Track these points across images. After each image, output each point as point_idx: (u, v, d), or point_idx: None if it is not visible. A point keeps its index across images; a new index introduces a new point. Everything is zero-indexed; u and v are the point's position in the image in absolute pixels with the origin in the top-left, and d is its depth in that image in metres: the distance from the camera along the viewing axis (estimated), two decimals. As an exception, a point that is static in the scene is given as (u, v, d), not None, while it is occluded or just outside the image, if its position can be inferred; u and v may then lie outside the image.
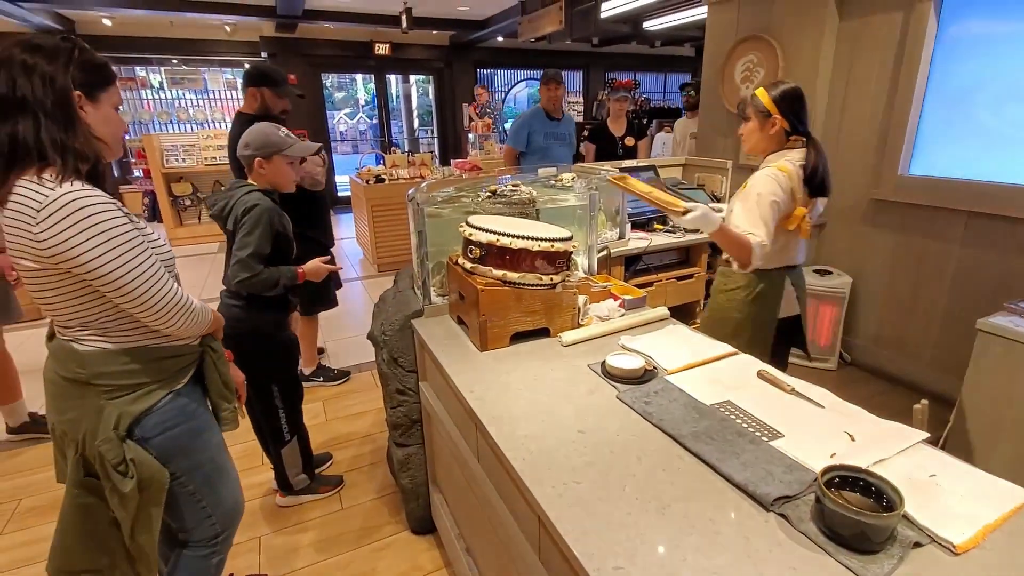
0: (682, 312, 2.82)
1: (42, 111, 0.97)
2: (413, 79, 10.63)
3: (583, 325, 1.56)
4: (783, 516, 0.84)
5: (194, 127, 8.35)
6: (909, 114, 2.78)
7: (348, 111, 12.86)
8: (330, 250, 2.99)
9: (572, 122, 3.83)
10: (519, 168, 3.64)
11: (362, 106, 12.83)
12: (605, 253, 2.32)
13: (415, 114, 10.95)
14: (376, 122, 10.54)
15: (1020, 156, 2.48)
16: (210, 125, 8.45)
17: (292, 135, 1.79)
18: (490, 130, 7.51)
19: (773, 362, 1.42)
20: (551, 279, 1.45)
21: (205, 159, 6.17)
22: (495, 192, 1.83)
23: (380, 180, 5.18)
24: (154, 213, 6.76)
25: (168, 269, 1.14)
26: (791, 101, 1.68)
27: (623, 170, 2.71)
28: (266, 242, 1.70)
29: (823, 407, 1.14)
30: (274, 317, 1.85)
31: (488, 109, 7.79)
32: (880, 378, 3.10)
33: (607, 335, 1.53)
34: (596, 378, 1.29)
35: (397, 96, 10.99)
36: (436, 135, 9.95)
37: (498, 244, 1.39)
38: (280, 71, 2.62)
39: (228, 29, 7.86)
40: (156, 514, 1.17)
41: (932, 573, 0.74)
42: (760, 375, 1.28)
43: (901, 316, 3.00)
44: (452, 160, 6.44)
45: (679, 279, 2.79)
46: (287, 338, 1.94)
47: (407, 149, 9.36)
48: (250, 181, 1.78)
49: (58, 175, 0.97)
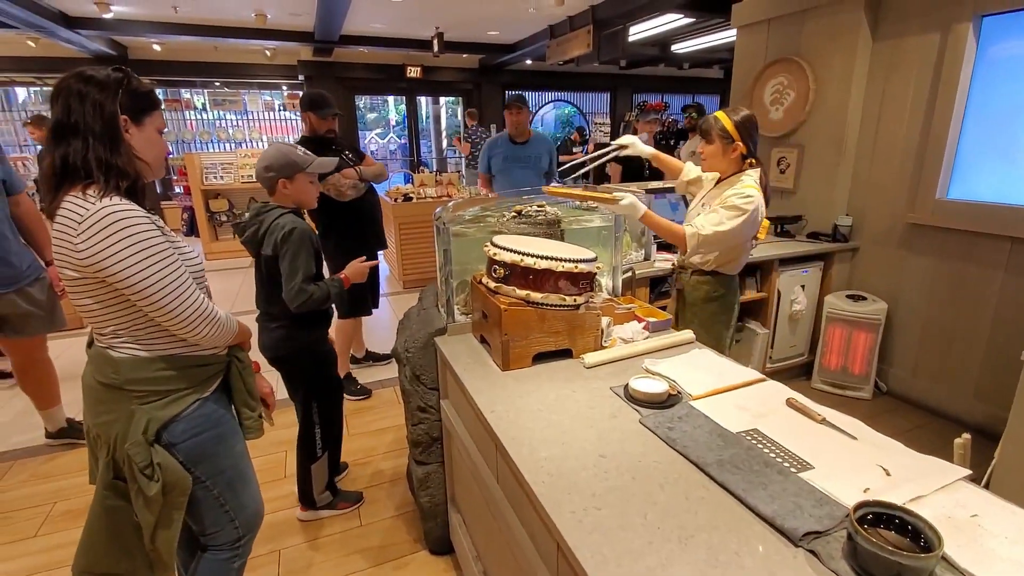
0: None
1: (91, 134, 1.06)
2: (443, 100, 10.89)
3: (606, 347, 1.54)
4: (812, 552, 0.81)
5: (232, 146, 8.70)
6: (947, 137, 2.71)
7: (379, 131, 13.21)
8: (371, 257, 3.12)
9: (543, 142, 3.66)
10: (491, 191, 3.65)
11: (393, 126, 13.17)
12: (630, 274, 2.30)
13: (444, 134, 11.19)
14: (405, 142, 10.80)
15: (1067, 181, 2.39)
16: (248, 144, 8.79)
17: (311, 154, 1.80)
18: (469, 154, 7.52)
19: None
20: (574, 300, 1.44)
21: (242, 176, 6.40)
22: (520, 212, 1.84)
23: (408, 199, 5.28)
24: (192, 228, 7.02)
25: (198, 281, 1.19)
26: (750, 128, 1.85)
27: (652, 191, 2.70)
28: (311, 262, 1.74)
29: (856, 438, 1.10)
30: (318, 333, 1.90)
31: (480, 132, 7.78)
32: (918, 409, 2.97)
33: (630, 358, 1.51)
34: (619, 401, 1.27)
35: (427, 117, 11.26)
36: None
37: (522, 264, 1.39)
38: (324, 96, 2.77)
39: (268, 53, 8.22)
40: (177, 518, 1.20)
41: (975, 621, 0.70)
42: (789, 403, 1.24)
43: (940, 345, 2.88)
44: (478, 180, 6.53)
45: (705, 302, 2.73)
46: (328, 352, 2.00)
47: (435, 168, 9.55)
48: (274, 203, 1.78)
49: (100, 191, 1.04)
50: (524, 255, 1.39)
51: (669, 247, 2.82)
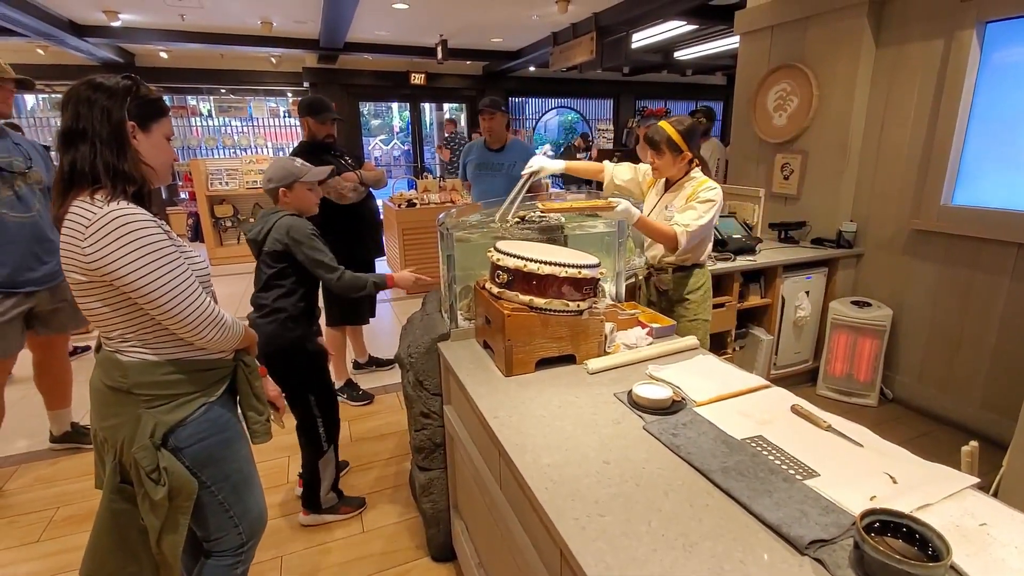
0: (712, 342, 2.75)
1: (99, 139, 1.07)
2: (446, 107, 10.94)
3: (610, 353, 1.54)
4: (819, 561, 0.80)
5: (238, 152, 8.76)
6: (952, 143, 2.70)
7: (383, 137, 13.27)
8: (369, 262, 3.13)
9: (520, 149, 3.37)
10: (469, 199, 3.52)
11: (396, 133, 13.23)
12: (633, 280, 2.30)
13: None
14: (409, 148, 10.83)
15: (1074, 187, 2.38)
16: (253, 151, 8.85)
17: (308, 164, 1.92)
18: (448, 160, 7.75)
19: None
20: (578, 305, 1.44)
21: (247, 183, 6.44)
22: (524, 218, 1.85)
23: (411, 204, 5.30)
24: (197, 233, 7.05)
25: (204, 286, 1.20)
26: (695, 136, 2.01)
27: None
28: (326, 247, 1.86)
29: (862, 446, 1.09)
30: (303, 331, 1.93)
31: (459, 138, 7.98)
32: (924, 417, 2.94)
33: (634, 364, 1.50)
34: (622, 407, 1.26)
35: (430, 123, 11.31)
36: (467, 161, 10.18)
37: (525, 269, 1.39)
38: (323, 101, 2.79)
39: (274, 60, 8.29)
40: (183, 522, 1.20)
41: (984, 632, 0.69)
42: (794, 409, 1.23)
43: (947, 351, 2.86)
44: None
45: (709, 308, 2.73)
46: (316, 349, 2.01)
47: (439, 174, 9.58)
48: (281, 209, 1.91)
49: (108, 195, 1.05)
50: (527, 260, 1.39)
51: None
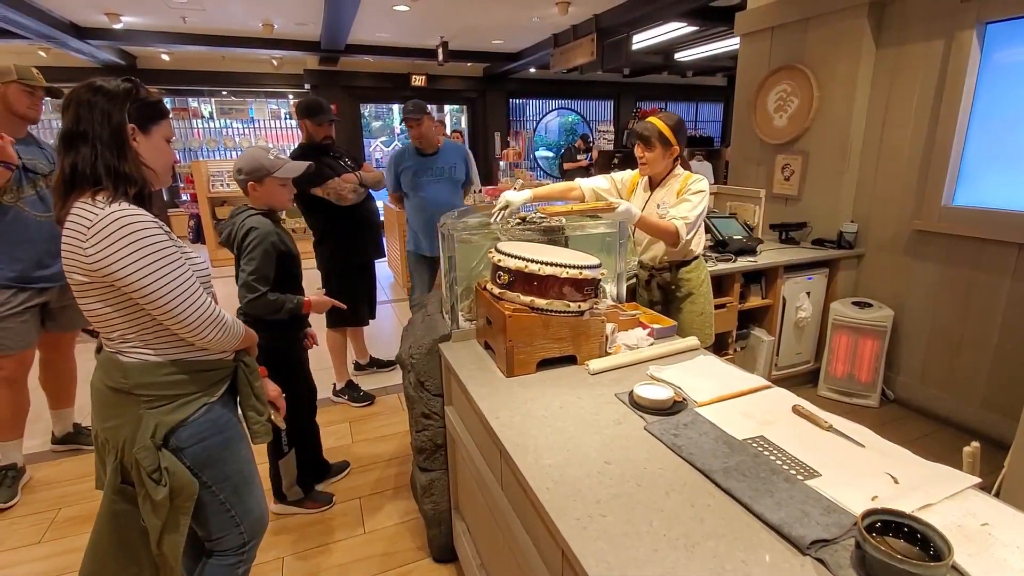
0: (713, 342, 2.75)
1: (99, 142, 1.07)
2: (447, 108, 10.95)
3: (611, 353, 1.54)
4: (820, 561, 0.80)
5: (239, 154, 8.75)
6: (952, 144, 2.70)
7: (384, 139, 13.29)
8: (368, 264, 3.11)
9: (455, 150, 3.26)
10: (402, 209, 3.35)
11: (397, 135, 13.25)
12: (634, 281, 2.30)
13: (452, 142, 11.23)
14: (410, 150, 10.78)
15: (1075, 187, 2.38)
16: (254, 152, 8.83)
17: (282, 157, 1.85)
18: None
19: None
20: (579, 306, 1.44)
21: (248, 184, 6.45)
22: (525, 219, 1.85)
23: (413, 206, 5.28)
24: (198, 235, 7.06)
25: (205, 286, 1.20)
26: (683, 132, 2.04)
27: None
28: (267, 264, 1.75)
29: (863, 446, 1.09)
30: (269, 335, 1.77)
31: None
32: (926, 417, 2.94)
33: (635, 364, 1.50)
34: (623, 408, 1.26)
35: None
36: (468, 162, 10.17)
37: (526, 270, 1.40)
38: (320, 103, 2.79)
39: (275, 63, 8.30)
40: (184, 523, 1.20)
41: (986, 632, 0.69)
42: (795, 410, 1.23)
43: (948, 352, 2.86)
44: (483, 187, 6.56)
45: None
46: (290, 356, 1.98)
47: (439, 176, 9.57)
48: (250, 205, 1.84)
49: (109, 197, 1.06)
50: (529, 261, 1.40)
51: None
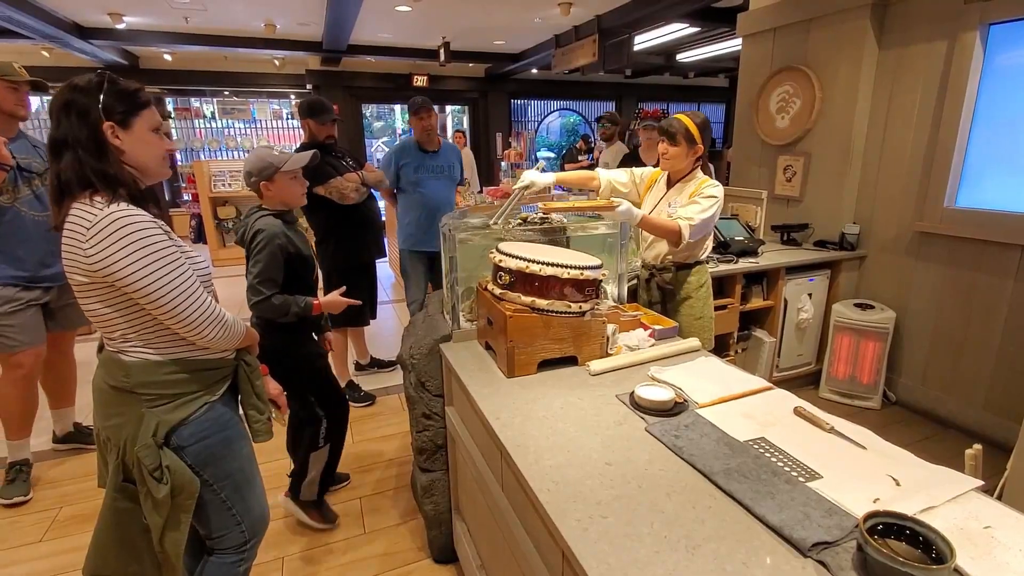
0: (715, 344, 2.74)
1: (80, 147, 1.06)
2: (449, 109, 10.95)
3: (612, 354, 1.54)
4: (822, 563, 0.79)
5: (241, 154, 8.78)
6: (955, 145, 2.70)
7: (386, 139, 13.30)
8: (370, 264, 3.11)
9: (453, 152, 3.37)
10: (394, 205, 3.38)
11: (399, 135, 13.26)
12: (635, 282, 2.30)
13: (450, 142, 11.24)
14: (411, 150, 10.78)
15: (1078, 189, 2.37)
16: (256, 152, 8.85)
17: (287, 152, 1.83)
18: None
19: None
20: (580, 307, 1.44)
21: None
22: (526, 219, 1.85)
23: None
24: (200, 235, 7.07)
25: (205, 285, 1.20)
26: (708, 131, 2.03)
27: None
28: (274, 266, 1.71)
29: (865, 448, 1.08)
30: (284, 336, 1.82)
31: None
32: (928, 420, 2.93)
33: (636, 365, 1.50)
34: (624, 409, 1.26)
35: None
36: (469, 163, 10.16)
37: (527, 271, 1.39)
38: (323, 102, 2.80)
39: (277, 63, 8.31)
40: (185, 521, 1.21)
41: (989, 635, 0.68)
42: (797, 412, 1.23)
43: (950, 354, 2.85)
44: (484, 187, 6.56)
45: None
46: (307, 354, 1.93)
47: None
48: (263, 205, 1.82)
49: (107, 198, 1.06)
50: (530, 262, 1.40)
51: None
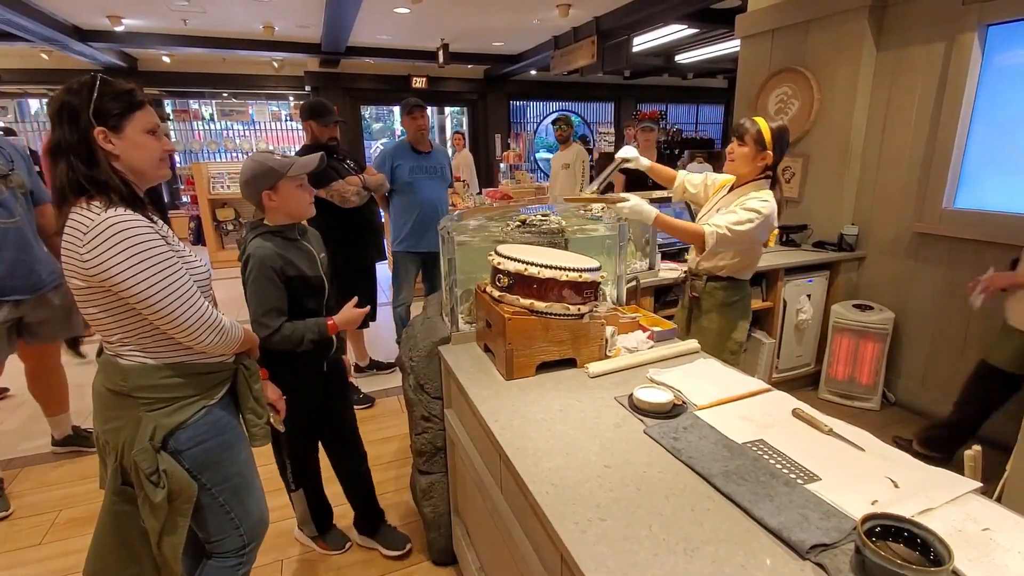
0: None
1: (72, 153, 1.06)
2: (448, 111, 10.95)
3: (610, 356, 1.54)
4: (820, 566, 0.79)
5: (240, 156, 8.78)
6: (953, 146, 2.70)
7: (385, 141, 13.30)
8: (369, 266, 3.10)
9: (444, 154, 3.43)
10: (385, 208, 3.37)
11: (398, 137, 13.26)
12: (634, 284, 2.30)
13: (448, 144, 11.25)
14: (411, 152, 10.79)
15: (1076, 190, 2.37)
16: (255, 154, 8.86)
17: (289, 155, 1.61)
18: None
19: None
20: (579, 309, 1.44)
21: (248, 186, 6.45)
22: (525, 221, 1.85)
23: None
24: (198, 237, 7.07)
25: (203, 290, 1.20)
26: (784, 141, 1.85)
27: (653, 201, 2.71)
28: (271, 295, 1.50)
29: (863, 450, 1.09)
30: (279, 359, 1.59)
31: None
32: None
33: (635, 367, 1.50)
34: (623, 411, 1.26)
35: (432, 127, 11.30)
36: (469, 164, 10.16)
37: (526, 273, 1.40)
38: (325, 104, 2.81)
39: (276, 65, 8.32)
40: (183, 524, 1.21)
41: (987, 638, 0.68)
42: (795, 414, 1.23)
43: (949, 355, 2.85)
44: (483, 189, 6.56)
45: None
46: (296, 386, 1.63)
47: (440, 177, 9.58)
48: (264, 221, 1.58)
49: (104, 202, 1.06)
50: (528, 264, 1.40)
51: (674, 256, 2.82)
